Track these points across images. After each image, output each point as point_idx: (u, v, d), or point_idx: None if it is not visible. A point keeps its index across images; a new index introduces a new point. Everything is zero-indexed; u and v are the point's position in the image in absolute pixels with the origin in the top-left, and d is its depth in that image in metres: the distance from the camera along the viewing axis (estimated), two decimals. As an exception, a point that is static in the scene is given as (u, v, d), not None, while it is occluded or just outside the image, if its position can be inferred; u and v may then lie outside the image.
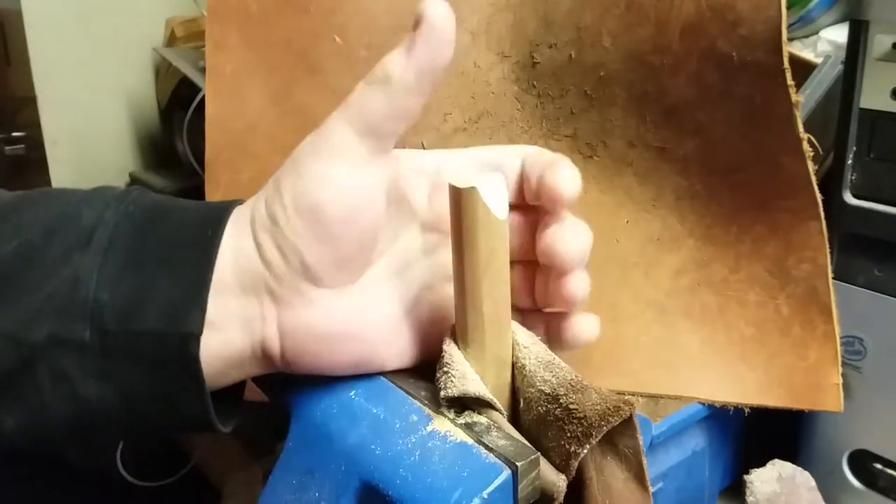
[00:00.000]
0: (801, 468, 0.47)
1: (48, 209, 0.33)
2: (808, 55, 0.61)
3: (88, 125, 1.33)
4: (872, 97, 0.44)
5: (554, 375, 0.31)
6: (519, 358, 0.33)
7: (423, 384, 0.34)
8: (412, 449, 0.30)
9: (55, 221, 0.32)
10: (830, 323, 0.43)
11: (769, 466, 0.47)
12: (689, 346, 0.45)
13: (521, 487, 0.28)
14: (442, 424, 0.31)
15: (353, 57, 0.48)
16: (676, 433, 0.47)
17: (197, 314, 0.30)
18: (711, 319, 0.45)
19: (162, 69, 1.26)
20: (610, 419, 0.29)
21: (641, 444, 0.31)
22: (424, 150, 0.43)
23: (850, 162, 0.45)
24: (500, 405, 0.32)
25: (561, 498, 0.30)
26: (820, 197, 0.41)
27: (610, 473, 0.31)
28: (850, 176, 0.46)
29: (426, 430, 0.31)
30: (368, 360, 0.34)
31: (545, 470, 0.30)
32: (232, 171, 0.51)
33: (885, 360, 0.47)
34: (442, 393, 0.31)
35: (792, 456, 0.50)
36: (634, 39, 0.42)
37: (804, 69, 0.54)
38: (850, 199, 0.46)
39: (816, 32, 0.64)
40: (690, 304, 0.45)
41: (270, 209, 0.32)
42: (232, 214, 0.33)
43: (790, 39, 0.62)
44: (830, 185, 0.46)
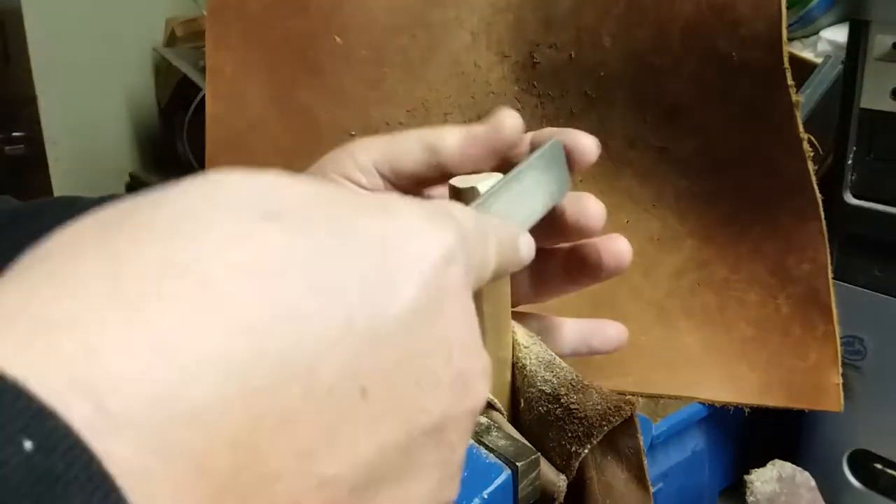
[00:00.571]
0: (801, 468, 0.47)
1: (61, 218, 0.33)
2: (808, 55, 0.61)
3: (88, 125, 1.33)
4: (873, 97, 0.44)
5: (554, 375, 0.31)
6: (519, 358, 0.33)
7: (423, 384, 0.34)
8: (412, 449, 0.30)
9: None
10: (831, 323, 0.43)
11: (769, 466, 0.47)
12: (689, 346, 0.45)
13: (521, 487, 0.28)
14: (442, 424, 0.31)
15: (353, 57, 0.48)
16: (676, 433, 0.47)
17: None
18: (711, 319, 0.45)
19: (162, 69, 1.26)
20: (611, 419, 0.29)
21: (642, 444, 0.31)
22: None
23: (850, 162, 0.45)
24: (500, 405, 0.32)
25: (561, 498, 0.30)
26: (820, 197, 0.41)
27: (611, 473, 0.31)
28: (850, 176, 0.46)
29: (426, 430, 0.31)
30: None
31: (545, 470, 0.30)
32: (232, 171, 0.51)
33: (885, 360, 0.47)
34: (442, 393, 0.31)
35: (792, 456, 0.50)
36: (634, 40, 0.42)
37: (804, 69, 0.54)
38: (850, 199, 0.46)
39: (816, 32, 0.64)
40: (691, 304, 0.45)
41: None
42: None
43: (790, 39, 0.62)
44: (830, 185, 0.46)
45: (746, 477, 0.46)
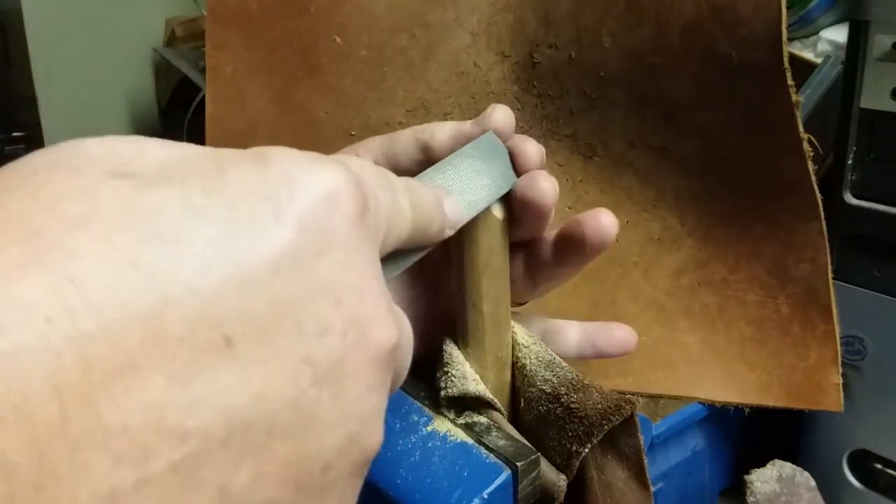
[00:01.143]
0: (800, 468, 0.47)
1: None
2: (808, 55, 0.61)
3: (88, 125, 1.33)
4: (872, 97, 0.44)
5: (554, 375, 0.31)
6: (519, 358, 0.33)
7: (422, 384, 0.34)
8: (412, 449, 0.30)
9: None
10: (830, 323, 0.43)
11: (769, 466, 0.47)
12: (688, 345, 0.45)
13: (521, 488, 0.28)
14: (442, 425, 0.31)
15: (353, 57, 0.48)
16: (676, 433, 0.47)
17: None
18: (711, 319, 0.45)
19: (162, 69, 1.26)
20: (611, 418, 0.29)
21: (642, 443, 0.31)
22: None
23: (850, 162, 0.45)
24: (500, 405, 0.32)
25: (561, 498, 0.30)
26: (820, 197, 0.41)
27: (611, 473, 0.31)
28: (850, 176, 0.46)
29: (426, 430, 0.31)
30: None
31: (545, 470, 0.30)
32: (232, 171, 0.51)
33: (885, 360, 0.47)
34: (442, 393, 0.31)
35: (792, 456, 0.50)
36: (634, 40, 0.42)
37: (804, 69, 0.54)
38: (850, 199, 0.46)
39: (816, 32, 0.64)
40: (690, 304, 0.45)
41: None
42: None
43: (790, 39, 0.62)
44: (830, 185, 0.46)
45: (746, 477, 0.46)
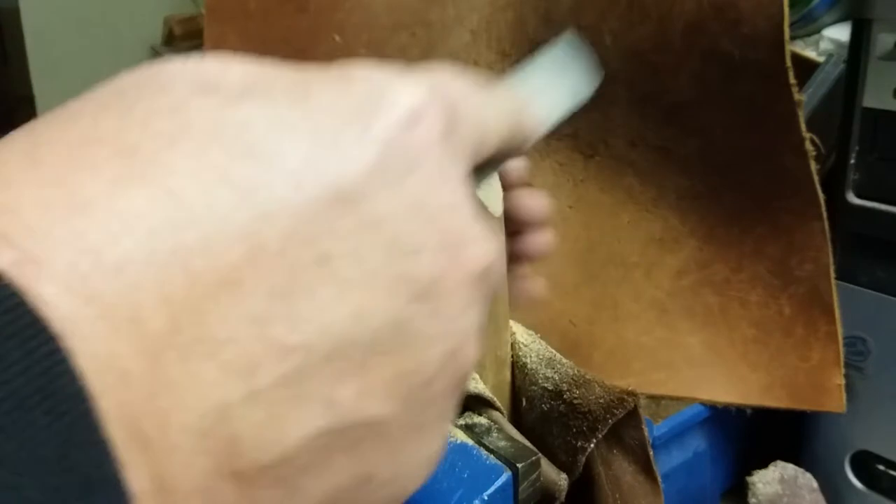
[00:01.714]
0: (803, 469, 0.47)
1: None
2: (810, 54, 0.61)
3: (87, 125, 1.33)
4: (875, 96, 0.44)
5: (556, 372, 0.31)
6: (519, 357, 0.33)
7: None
8: (412, 449, 0.30)
9: None
10: (833, 323, 0.42)
11: (771, 468, 0.47)
12: (690, 346, 0.44)
13: (521, 489, 0.28)
14: (442, 425, 0.31)
15: (352, 55, 0.48)
16: (678, 434, 0.46)
17: None
18: (713, 320, 0.44)
19: (161, 69, 1.26)
20: (615, 411, 0.29)
21: (647, 434, 0.30)
22: None
23: (852, 161, 0.45)
24: (499, 404, 0.32)
25: (563, 497, 0.30)
26: (822, 197, 0.41)
27: (618, 467, 0.31)
28: (852, 175, 0.45)
29: (426, 430, 0.30)
30: None
31: (546, 469, 0.29)
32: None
33: (888, 360, 0.46)
34: (442, 393, 0.31)
35: (794, 457, 0.49)
36: (635, 38, 0.42)
37: (806, 68, 0.54)
38: (852, 198, 0.46)
39: (819, 31, 0.64)
40: (692, 304, 0.45)
41: None
42: None
43: (792, 38, 0.62)
44: (833, 184, 0.46)
45: (748, 478, 0.46)
